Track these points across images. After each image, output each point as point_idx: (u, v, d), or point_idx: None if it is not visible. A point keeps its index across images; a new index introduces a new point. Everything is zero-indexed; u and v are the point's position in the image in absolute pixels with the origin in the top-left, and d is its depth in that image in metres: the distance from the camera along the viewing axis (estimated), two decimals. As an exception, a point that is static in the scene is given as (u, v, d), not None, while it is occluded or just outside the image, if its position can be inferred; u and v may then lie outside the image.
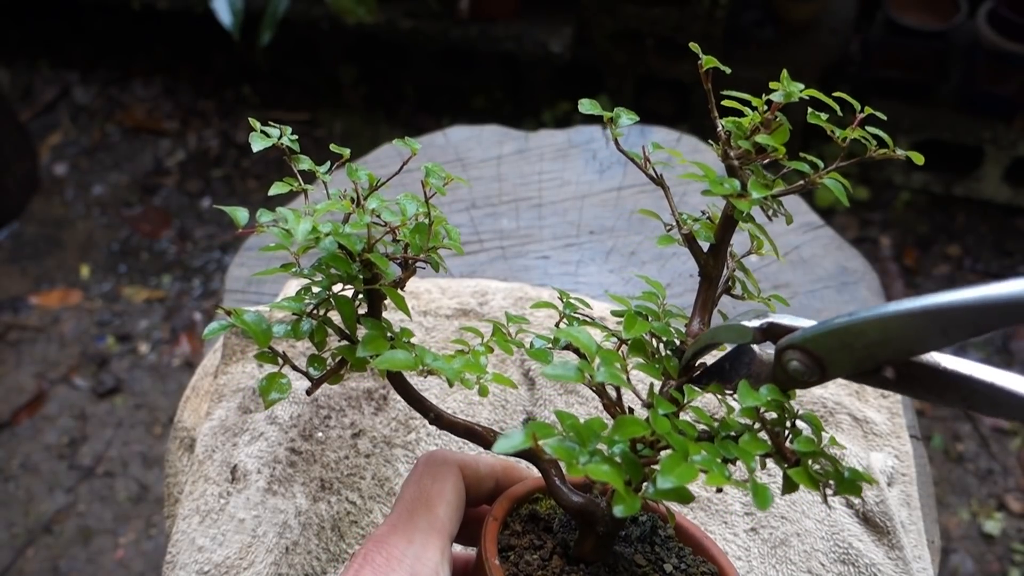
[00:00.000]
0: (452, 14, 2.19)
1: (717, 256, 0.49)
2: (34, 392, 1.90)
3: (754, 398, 0.42)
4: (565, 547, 0.49)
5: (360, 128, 2.42)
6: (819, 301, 0.88)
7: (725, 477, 0.39)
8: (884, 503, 0.69)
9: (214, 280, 2.11)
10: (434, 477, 0.49)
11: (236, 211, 0.49)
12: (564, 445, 0.39)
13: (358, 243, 0.49)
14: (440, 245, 0.53)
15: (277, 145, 0.55)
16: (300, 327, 0.50)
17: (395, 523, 0.47)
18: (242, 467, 0.68)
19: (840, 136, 0.47)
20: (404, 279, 0.53)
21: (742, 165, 0.47)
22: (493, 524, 0.48)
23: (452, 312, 0.81)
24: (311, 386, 0.51)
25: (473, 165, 1.01)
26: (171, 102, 2.53)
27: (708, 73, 0.49)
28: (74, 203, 2.30)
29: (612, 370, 0.42)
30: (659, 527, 0.53)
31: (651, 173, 0.51)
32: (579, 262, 0.91)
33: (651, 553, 0.51)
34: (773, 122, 0.47)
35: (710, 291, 0.49)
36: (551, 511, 0.52)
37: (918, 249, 2.13)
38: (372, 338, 0.48)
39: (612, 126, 0.51)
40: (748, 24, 2.20)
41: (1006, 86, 2.02)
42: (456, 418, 0.52)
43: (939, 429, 1.82)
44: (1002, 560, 1.63)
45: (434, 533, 0.47)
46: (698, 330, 0.49)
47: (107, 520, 1.71)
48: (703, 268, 0.50)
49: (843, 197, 0.46)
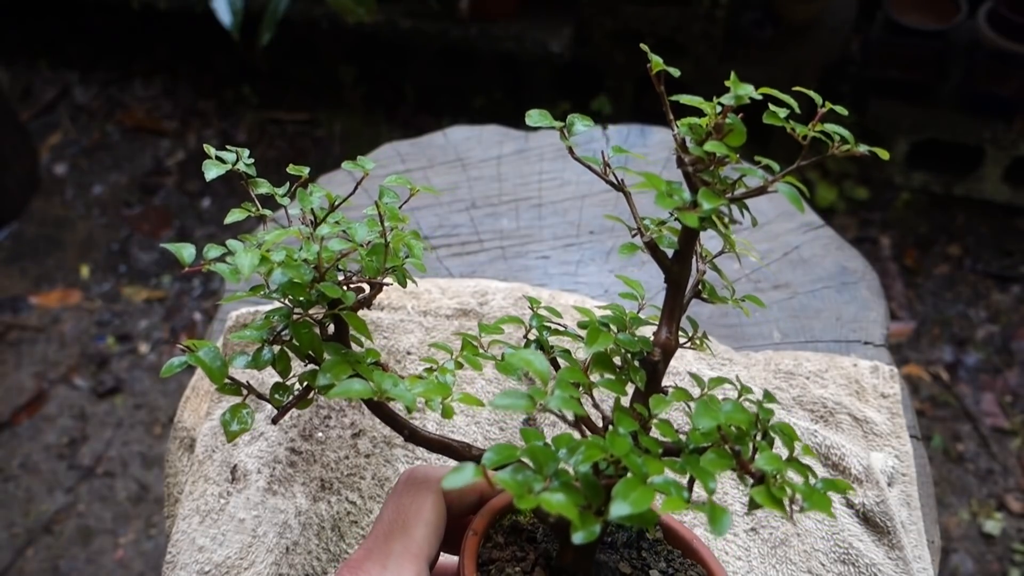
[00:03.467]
0: (452, 14, 2.19)
1: (683, 262, 0.47)
2: (34, 392, 1.90)
3: (712, 416, 0.41)
4: (548, 558, 0.49)
5: (360, 128, 2.42)
6: (819, 301, 0.88)
7: (684, 501, 0.37)
8: (884, 503, 0.69)
9: (214, 280, 2.10)
10: (413, 497, 0.48)
11: (181, 249, 0.48)
12: (515, 479, 0.38)
13: (308, 274, 0.48)
14: (398, 264, 0.52)
15: (234, 170, 0.54)
16: (261, 356, 0.49)
17: (370, 548, 0.47)
18: (242, 467, 0.68)
19: (800, 133, 0.45)
20: (369, 299, 0.52)
21: (696, 172, 0.45)
22: (472, 539, 0.47)
23: (452, 312, 0.81)
24: (276, 415, 0.50)
25: (473, 165, 1.01)
26: (171, 102, 2.53)
27: (660, 76, 0.47)
28: (74, 203, 2.30)
29: (566, 396, 0.40)
30: (645, 531, 0.52)
31: (611, 179, 0.49)
32: (579, 262, 0.91)
33: (637, 559, 0.50)
34: (726, 125, 0.44)
35: (677, 298, 0.48)
36: (534, 521, 0.51)
37: (918, 249, 2.13)
38: (333, 364, 0.47)
39: (565, 135, 0.49)
40: (748, 24, 2.20)
41: (1006, 86, 2.02)
42: (431, 434, 0.51)
43: (939, 429, 1.82)
44: (1002, 560, 1.63)
45: (408, 557, 0.46)
46: (666, 339, 0.47)
47: (107, 520, 1.71)
48: (668, 275, 0.47)
49: (798, 204, 0.43)
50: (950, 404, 1.86)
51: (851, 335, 0.85)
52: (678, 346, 0.48)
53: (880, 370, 0.80)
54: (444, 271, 0.90)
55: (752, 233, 0.94)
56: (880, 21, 2.16)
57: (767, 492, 0.39)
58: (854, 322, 0.86)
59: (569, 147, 0.49)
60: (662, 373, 0.47)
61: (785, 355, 0.81)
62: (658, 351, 0.47)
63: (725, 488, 0.69)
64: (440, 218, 0.96)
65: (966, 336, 1.97)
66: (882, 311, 0.88)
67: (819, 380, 0.78)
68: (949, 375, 1.90)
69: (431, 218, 0.96)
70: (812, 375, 0.78)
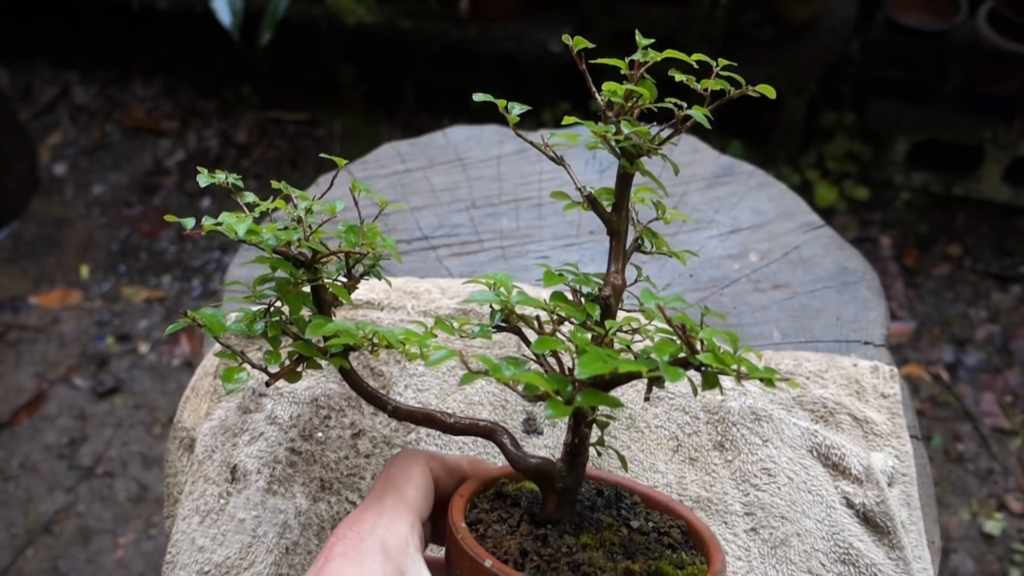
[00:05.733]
0: (452, 14, 2.19)
1: (619, 212, 0.56)
2: (34, 392, 1.90)
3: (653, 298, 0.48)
4: (532, 514, 0.51)
5: (360, 128, 2.42)
6: (819, 301, 0.88)
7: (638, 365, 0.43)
8: (884, 503, 0.69)
9: (214, 280, 2.11)
10: (401, 468, 0.52)
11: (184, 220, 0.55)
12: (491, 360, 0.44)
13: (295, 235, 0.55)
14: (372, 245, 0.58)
15: (223, 184, 0.60)
16: (254, 325, 0.55)
17: (366, 505, 0.50)
18: (242, 467, 0.68)
19: (703, 86, 0.54)
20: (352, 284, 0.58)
21: (618, 116, 0.54)
22: (459, 499, 0.51)
23: (452, 312, 0.81)
24: (268, 380, 0.54)
25: (473, 165, 1.01)
26: (171, 102, 2.53)
27: (581, 55, 0.56)
28: (74, 203, 2.30)
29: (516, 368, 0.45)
30: (624, 496, 0.55)
31: (550, 155, 0.58)
32: (579, 262, 0.91)
33: (617, 516, 0.53)
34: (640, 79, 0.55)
35: (619, 245, 0.56)
36: (518, 491, 0.54)
37: (918, 249, 2.13)
38: (317, 324, 0.53)
39: (508, 114, 0.56)
40: (748, 24, 2.20)
41: (1006, 86, 2.02)
42: (412, 407, 0.55)
43: (939, 429, 1.82)
44: (1002, 560, 1.63)
45: (403, 508, 0.49)
46: (613, 277, 0.54)
47: (107, 520, 1.71)
48: (608, 224, 0.56)
49: (704, 122, 0.53)
50: (950, 404, 1.86)
51: (851, 335, 0.85)
52: (625, 285, 0.55)
53: (880, 370, 0.80)
54: (444, 271, 0.90)
55: (752, 233, 0.94)
56: (880, 21, 2.16)
57: (715, 357, 0.44)
58: (854, 322, 0.86)
59: (512, 124, 0.57)
60: (615, 309, 0.54)
61: (785, 355, 0.81)
62: (608, 288, 0.54)
63: (725, 488, 0.70)
64: (440, 218, 0.96)
65: (966, 336, 1.97)
66: (882, 311, 0.88)
67: (819, 380, 0.78)
68: (949, 375, 1.90)
69: (431, 218, 0.96)
70: (812, 375, 0.78)
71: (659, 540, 0.52)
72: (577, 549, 0.49)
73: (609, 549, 0.49)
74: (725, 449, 0.71)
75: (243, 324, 0.55)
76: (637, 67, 0.55)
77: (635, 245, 0.59)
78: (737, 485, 0.70)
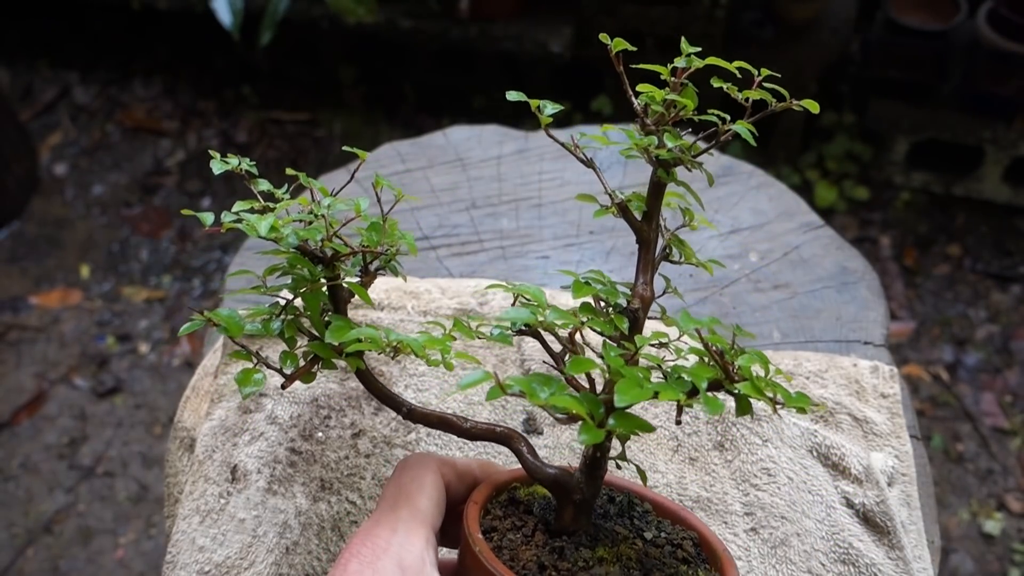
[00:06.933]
0: (452, 14, 2.19)
1: (650, 222, 0.54)
2: (34, 392, 1.90)
3: (692, 322, 0.46)
4: (547, 524, 0.51)
5: (360, 128, 2.42)
6: (819, 301, 0.88)
7: (678, 393, 0.42)
8: (884, 503, 0.69)
9: (214, 280, 2.11)
10: (413, 475, 0.51)
11: (203, 215, 0.54)
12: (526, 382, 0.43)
13: (318, 234, 0.53)
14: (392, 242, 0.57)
15: (236, 171, 0.59)
16: (270, 325, 0.53)
17: (379, 518, 0.49)
18: (242, 467, 0.69)
19: (743, 96, 0.52)
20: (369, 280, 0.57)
21: (658, 127, 0.53)
22: (474, 507, 0.50)
23: (452, 312, 0.81)
24: (284, 381, 0.53)
25: (473, 165, 1.01)
26: (171, 102, 2.53)
27: (619, 56, 0.53)
28: (74, 203, 2.30)
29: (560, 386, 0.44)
30: (636, 503, 0.55)
31: (580, 156, 0.56)
32: (579, 262, 0.91)
33: (630, 526, 0.53)
34: (682, 87, 0.53)
35: (648, 255, 0.55)
36: (530, 496, 0.53)
37: (918, 249, 2.13)
38: (338, 327, 0.51)
39: (540, 114, 0.55)
40: (748, 24, 2.20)
41: (1006, 86, 2.02)
42: (428, 409, 0.54)
43: (939, 429, 1.82)
44: (1002, 560, 1.63)
45: (417, 522, 0.48)
46: (642, 290, 0.53)
47: (107, 520, 1.71)
48: (639, 233, 0.55)
49: (749, 138, 0.51)
50: (950, 404, 1.86)
51: (851, 335, 0.85)
52: (653, 297, 0.54)
53: (880, 370, 0.80)
54: (444, 271, 0.91)
55: (752, 233, 0.94)
56: (880, 21, 2.16)
57: (753, 385, 0.43)
58: (854, 322, 0.86)
59: (545, 125, 0.55)
60: (643, 321, 0.52)
61: (785, 355, 0.81)
62: (636, 300, 0.53)
63: (725, 488, 0.70)
64: (440, 218, 0.96)
65: (966, 336, 1.97)
66: (882, 311, 0.88)
67: (819, 380, 0.78)
68: (949, 375, 1.90)
69: (431, 218, 0.96)
70: (812, 375, 0.78)
71: (673, 554, 0.52)
72: (594, 563, 0.48)
73: (625, 564, 0.49)
74: (725, 449, 0.71)
75: (259, 324, 0.53)
76: (680, 74, 0.53)
77: (663, 255, 0.57)
78: (737, 485, 0.70)
